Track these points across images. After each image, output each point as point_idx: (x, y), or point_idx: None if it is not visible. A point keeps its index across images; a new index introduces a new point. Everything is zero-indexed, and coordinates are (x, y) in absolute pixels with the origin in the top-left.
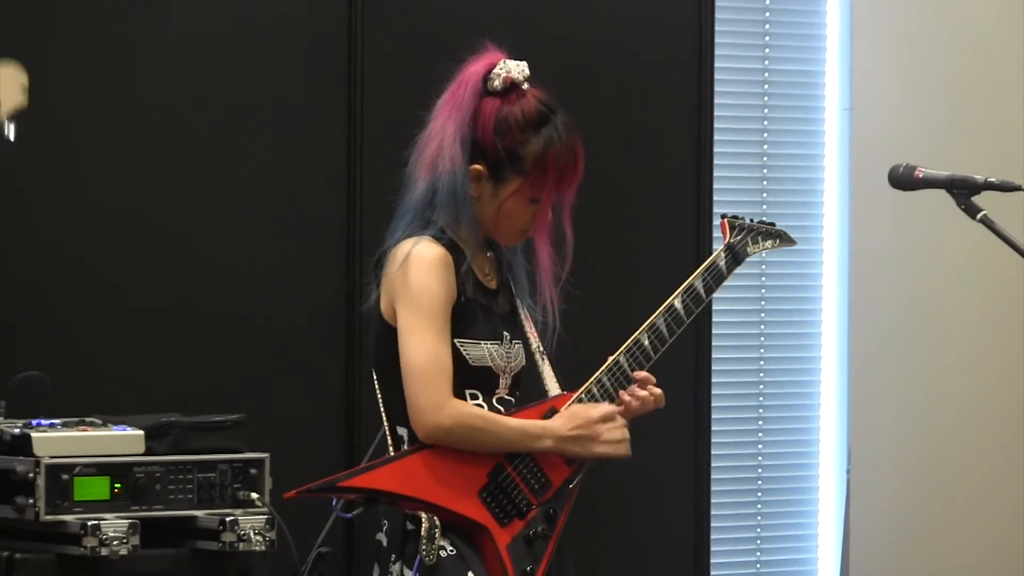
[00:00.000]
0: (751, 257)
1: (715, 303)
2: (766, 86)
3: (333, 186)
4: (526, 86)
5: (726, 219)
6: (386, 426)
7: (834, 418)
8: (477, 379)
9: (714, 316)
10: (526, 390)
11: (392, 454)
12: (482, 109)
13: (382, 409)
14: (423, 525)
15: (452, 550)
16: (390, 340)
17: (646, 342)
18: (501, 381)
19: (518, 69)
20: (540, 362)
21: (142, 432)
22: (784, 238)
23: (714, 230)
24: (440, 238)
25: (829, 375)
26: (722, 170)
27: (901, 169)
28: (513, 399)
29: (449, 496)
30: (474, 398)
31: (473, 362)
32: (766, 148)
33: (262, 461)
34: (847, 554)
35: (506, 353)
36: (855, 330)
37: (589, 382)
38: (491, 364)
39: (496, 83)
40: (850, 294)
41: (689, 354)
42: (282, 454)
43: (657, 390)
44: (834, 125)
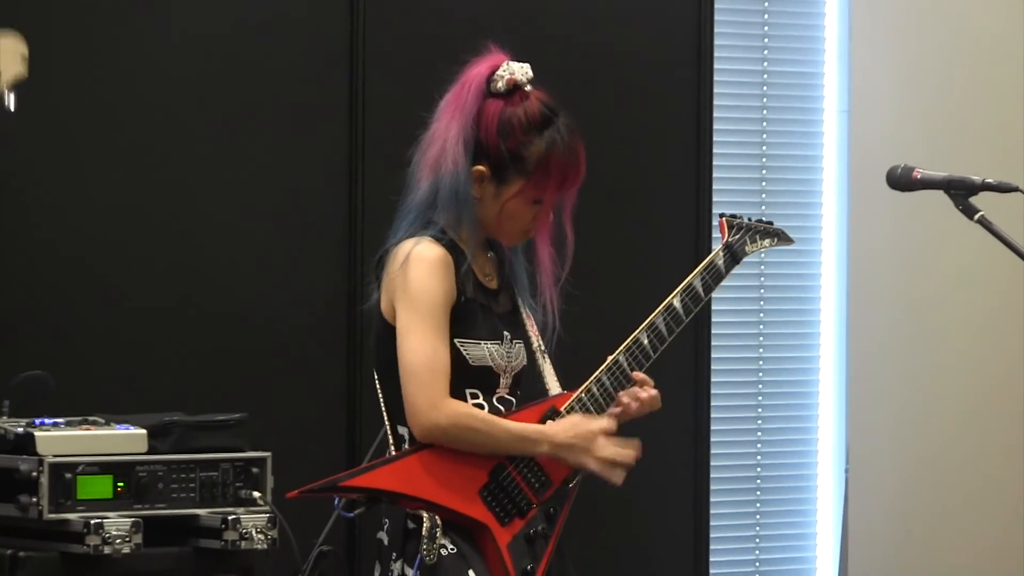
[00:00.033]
0: (749, 256)
1: (714, 303)
2: (765, 87)
3: (334, 186)
4: (529, 88)
5: (724, 218)
6: (387, 425)
7: (833, 418)
8: (478, 379)
9: (713, 316)
10: (527, 389)
11: (393, 454)
12: (485, 110)
13: (383, 408)
14: (424, 524)
15: (453, 548)
16: (391, 340)
17: (645, 341)
18: (502, 380)
19: (521, 71)
20: (541, 361)
21: (145, 431)
22: (782, 237)
23: (713, 230)
24: (440, 239)
25: (828, 375)
26: (721, 171)
27: (899, 170)
28: (514, 398)
29: (450, 495)
30: (475, 397)
31: (473, 362)
32: (765, 149)
33: (264, 460)
34: (846, 554)
35: (507, 353)
36: (854, 330)
37: (589, 381)
38: (491, 364)
39: (500, 85)
40: (849, 294)
41: (688, 354)
42: (283, 453)
43: (654, 391)
44: (833, 126)
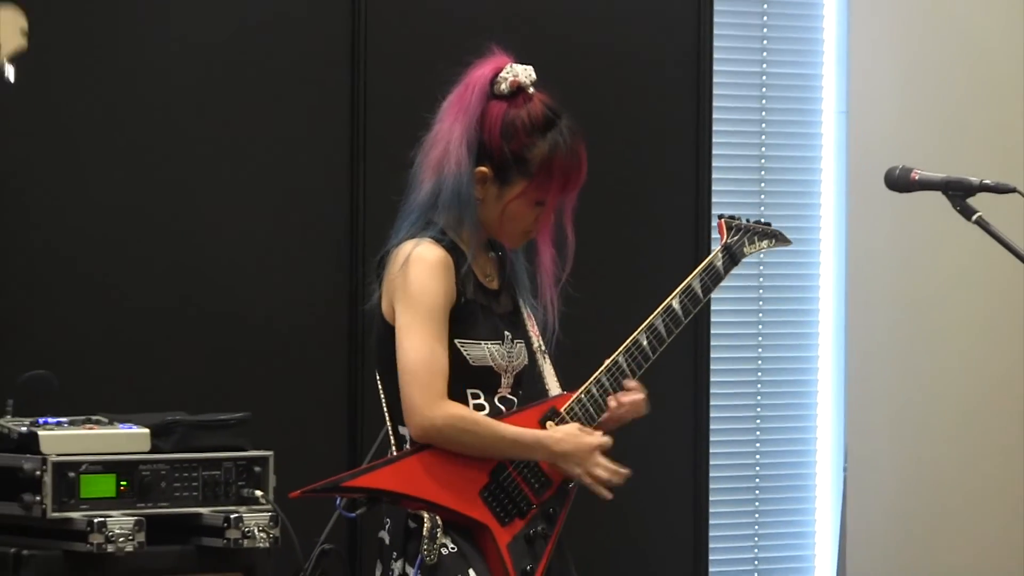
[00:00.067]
0: (748, 257)
1: (713, 304)
2: (764, 88)
3: (335, 186)
4: (532, 90)
5: (723, 220)
6: (388, 425)
7: (832, 418)
8: (478, 379)
9: (713, 317)
10: (528, 389)
11: (394, 454)
12: (489, 112)
13: (384, 409)
14: (425, 524)
15: (453, 548)
16: (391, 340)
17: (644, 342)
18: (503, 380)
19: (525, 73)
20: (541, 361)
21: (147, 430)
22: (780, 238)
23: (712, 231)
24: (441, 240)
25: (827, 375)
26: (720, 172)
27: (897, 171)
28: (516, 398)
29: (451, 496)
30: (476, 397)
31: (474, 362)
32: (764, 150)
33: (266, 459)
34: (844, 554)
35: (507, 352)
36: (852, 331)
37: (589, 382)
38: (492, 364)
39: (503, 87)
40: (848, 295)
41: (688, 354)
42: (285, 453)
43: (638, 396)
44: (831, 127)
